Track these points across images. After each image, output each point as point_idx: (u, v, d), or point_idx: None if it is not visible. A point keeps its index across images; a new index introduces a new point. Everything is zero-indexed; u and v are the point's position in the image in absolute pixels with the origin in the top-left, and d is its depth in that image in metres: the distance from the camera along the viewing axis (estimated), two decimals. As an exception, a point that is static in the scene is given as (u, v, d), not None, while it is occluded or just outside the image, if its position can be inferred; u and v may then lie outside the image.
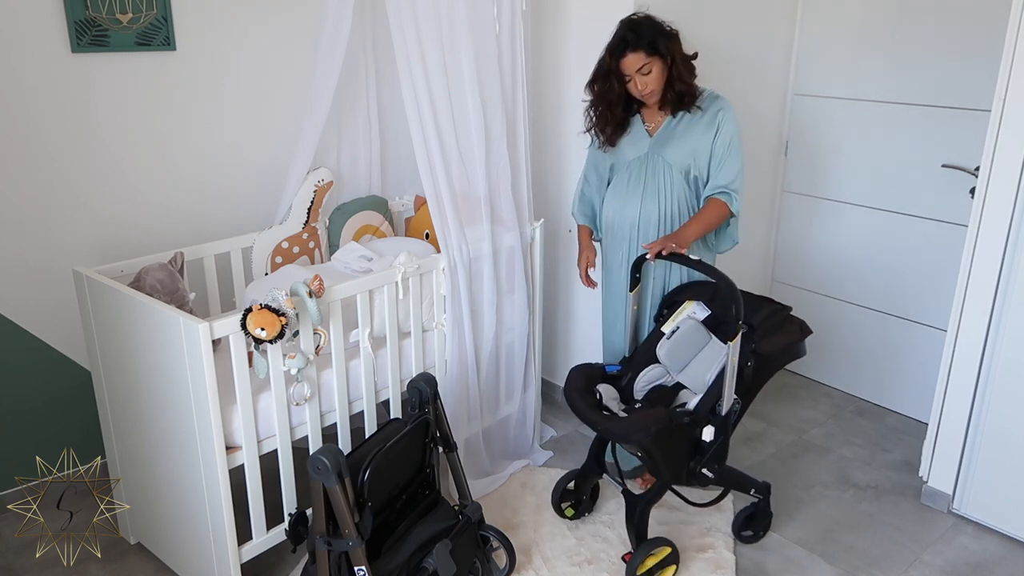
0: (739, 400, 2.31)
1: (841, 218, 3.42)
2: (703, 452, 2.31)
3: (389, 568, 2.04)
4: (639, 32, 2.38)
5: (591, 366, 2.54)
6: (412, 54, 2.41)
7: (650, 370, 2.51)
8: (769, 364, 2.36)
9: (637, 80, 2.41)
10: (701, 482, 2.38)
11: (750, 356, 2.28)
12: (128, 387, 2.27)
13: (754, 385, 2.37)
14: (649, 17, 2.42)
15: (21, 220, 2.54)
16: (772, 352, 2.33)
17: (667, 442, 2.27)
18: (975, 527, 2.66)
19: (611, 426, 2.27)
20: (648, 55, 2.37)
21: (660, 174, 2.51)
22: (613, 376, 2.54)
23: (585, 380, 2.44)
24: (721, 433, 2.30)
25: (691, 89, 2.45)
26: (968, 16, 2.88)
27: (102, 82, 2.59)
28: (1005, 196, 2.41)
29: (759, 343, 2.30)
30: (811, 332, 2.42)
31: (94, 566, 2.45)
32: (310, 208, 2.84)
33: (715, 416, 2.28)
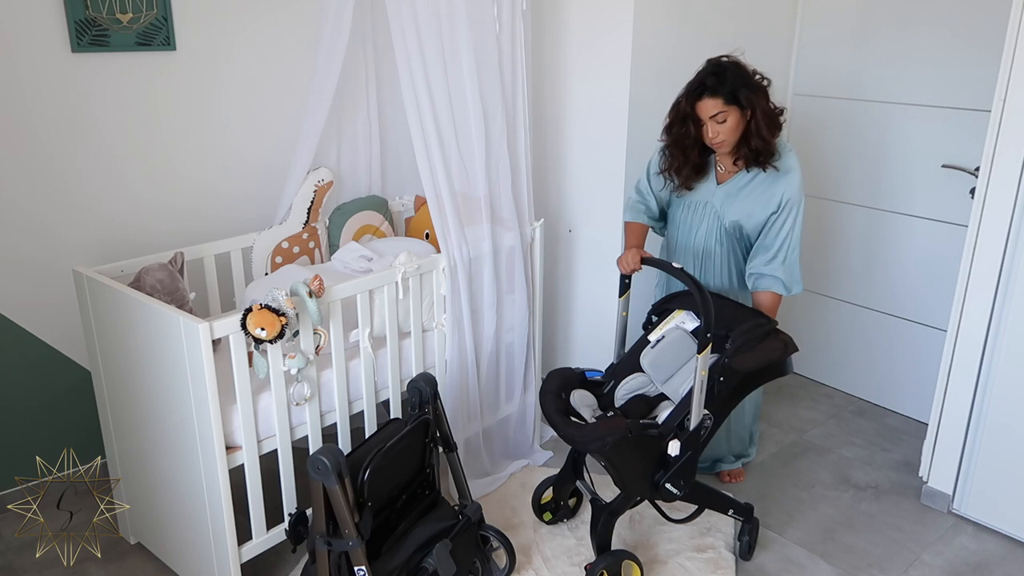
0: (711, 416, 2.23)
1: (841, 218, 3.42)
2: (668, 467, 2.24)
3: (389, 568, 2.03)
4: (722, 78, 2.29)
5: (569, 371, 2.47)
6: (412, 54, 2.41)
7: (633, 379, 2.44)
8: (743, 381, 2.27)
9: (710, 127, 2.33)
10: (666, 497, 2.30)
11: (722, 371, 2.20)
12: (128, 387, 2.27)
13: (728, 402, 2.30)
14: (738, 64, 2.33)
15: (21, 220, 2.54)
16: (745, 368, 2.23)
17: (629, 454, 2.22)
18: (975, 527, 2.66)
19: (571, 432, 2.22)
20: (726, 103, 2.29)
21: (717, 226, 2.50)
22: (594, 382, 2.49)
23: (559, 384, 2.39)
24: (688, 448, 2.22)
25: (768, 147, 2.35)
26: (968, 16, 2.88)
27: (102, 82, 2.59)
28: (1005, 196, 2.41)
29: (732, 358, 2.21)
30: (796, 350, 2.32)
31: (94, 566, 2.45)
32: (310, 208, 2.84)
33: (683, 431, 2.21)
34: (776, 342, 2.29)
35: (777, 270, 2.45)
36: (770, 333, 2.30)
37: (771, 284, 2.46)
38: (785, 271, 2.45)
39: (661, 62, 2.91)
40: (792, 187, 2.40)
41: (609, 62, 2.88)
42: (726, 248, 2.52)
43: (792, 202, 2.40)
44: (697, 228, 2.53)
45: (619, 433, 2.15)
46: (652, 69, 2.89)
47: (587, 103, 3.03)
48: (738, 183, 2.45)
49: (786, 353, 2.29)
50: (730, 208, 2.45)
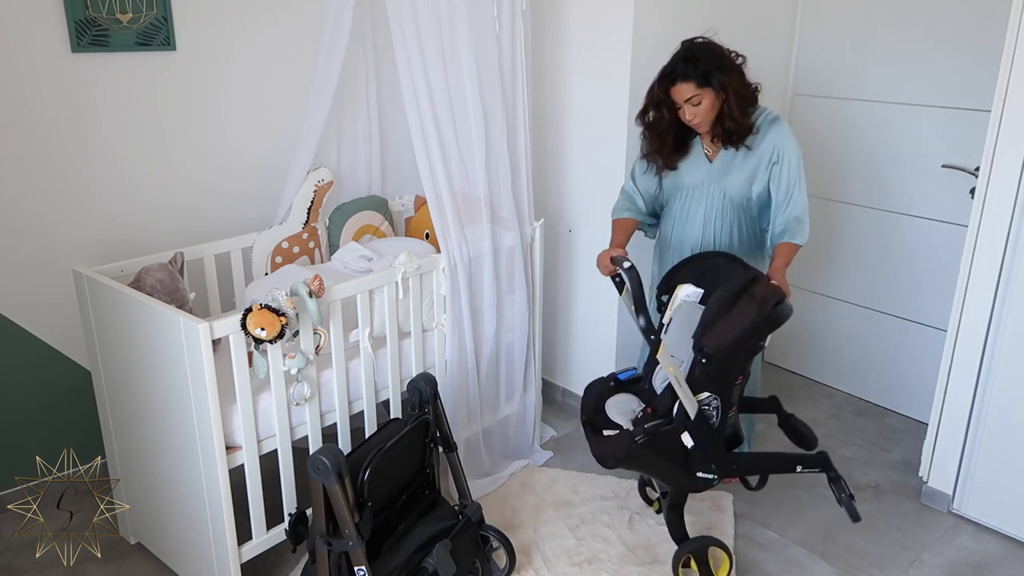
0: (715, 396, 2.15)
1: (841, 218, 3.42)
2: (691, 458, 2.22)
3: (389, 568, 2.03)
4: (693, 61, 2.29)
5: (601, 381, 2.44)
6: (412, 54, 2.41)
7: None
8: (728, 356, 2.12)
9: (686, 109, 2.34)
10: (702, 485, 2.27)
11: (700, 353, 2.10)
12: (128, 387, 2.27)
13: (723, 378, 2.17)
14: (709, 45, 2.33)
15: (21, 220, 2.54)
16: (718, 346, 2.07)
17: (649, 458, 2.21)
18: (975, 527, 2.66)
19: (592, 450, 2.27)
20: (699, 86, 2.29)
21: (720, 201, 2.48)
22: (631, 381, 2.45)
23: (595, 398, 2.39)
24: (700, 435, 2.17)
25: (741, 127, 2.36)
26: (968, 16, 2.88)
27: (102, 82, 2.59)
28: (1005, 196, 2.41)
29: (700, 340, 2.10)
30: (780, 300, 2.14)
31: (94, 566, 2.45)
32: (310, 208, 2.84)
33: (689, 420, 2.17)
34: (749, 303, 2.12)
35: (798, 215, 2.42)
36: (740, 295, 2.13)
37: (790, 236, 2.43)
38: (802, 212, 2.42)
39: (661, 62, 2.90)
40: (783, 136, 2.40)
41: (609, 62, 2.88)
42: (728, 219, 2.50)
43: (788, 147, 2.39)
44: (695, 213, 2.52)
45: (625, 447, 2.15)
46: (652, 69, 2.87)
47: (587, 103, 3.03)
48: (729, 155, 2.46)
49: (762, 310, 2.11)
50: (731, 178, 2.45)
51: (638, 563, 2.45)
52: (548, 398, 3.39)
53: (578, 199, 3.17)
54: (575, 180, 3.17)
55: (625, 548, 2.52)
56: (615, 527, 2.61)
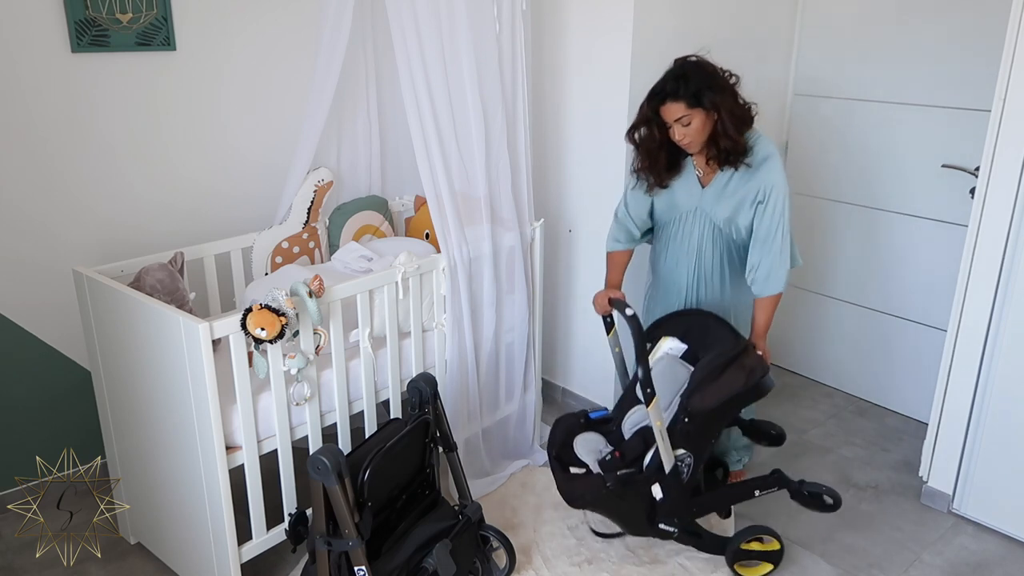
0: (690, 454, 2.22)
1: (841, 218, 3.42)
2: (657, 509, 2.26)
3: (389, 568, 2.04)
4: (685, 81, 2.23)
5: (571, 417, 2.48)
6: (412, 54, 2.41)
7: (637, 411, 2.42)
8: (709, 419, 2.21)
9: (676, 130, 2.28)
10: (663, 536, 2.32)
11: (684, 412, 2.18)
12: (128, 387, 2.27)
13: (703, 438, 2.25)
14: (700, 65, 2.27)
15: (21, 220, 2.54)
16: (704, 408, 2.17)
17: (616, 502, 2.26)
18: (975, 527, 2.66)
19: (560, 487, 2.31)
20: (689, 106, 2.22)
21: (711, 229, 2.45)
22: (600, 420, 2.50)
23: (563, 434, 2.43)
24: (670, 490, 2.22)
25: (737, 147, 2.28)
26: (968, 16, 2.88)
27: (102, 82, 2.59)
28: (1005, 196, 2.41)
29: (689, 398, 2.17)
30: (765, 372, 2.24)
31: (94, 566, 2.45)
32: (310, 208, 2.84)
33: (662, 473, 2.21)
34: (738, 372, 2.21)
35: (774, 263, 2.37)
36: (732, 361, 2.22)
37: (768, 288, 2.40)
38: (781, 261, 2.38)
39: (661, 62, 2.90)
40: (773, 173, 2.32)
41: (609, 62, 2.88)
42: (719, 248, 2.48)
43: (776, 188, 2.31)
44: (690, 235, 2.49)
45: (595, 491, 2.23)
46: (652, 69, 2.86)
47: (587, 103, 3.03)
48: (721, 182, 2.40)
49: (749, 381, 2.21)
50: (719, 208, 2.41)
51: (638, 563, 2.45)
52: (548, 398, 3.39)
53: (578, 199, 3.17)
54: (575, 180, 3.17)
55: (625, 548, 2.52)
56: (615, 527, 2.61)
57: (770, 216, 2.33)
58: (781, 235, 2.34)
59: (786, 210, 2.34)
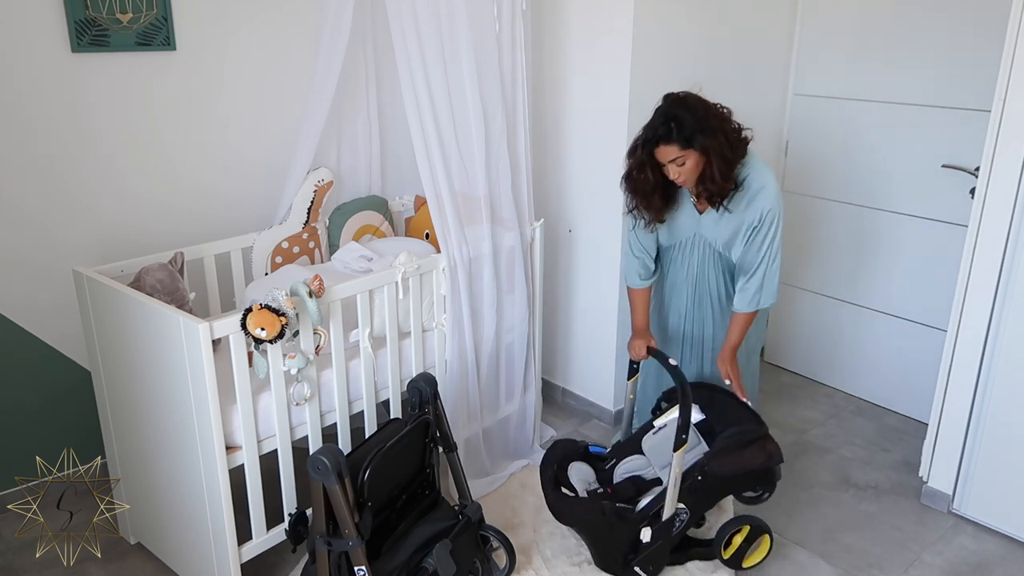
0: (687, 511, 2.28)
1: (841, 218, 3.42)
2: (639, 551, 2.30)
3: (389, 568, 2.04)
4: (678, 123, 2.20)
5: (573, 443, 2.56)
6: (412, 54, 2.41)
7: (633, 459, 2.51)
8: (720, 483, 2.32)
9: (671, 169, 2.28)
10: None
11: (700, 471, 2.26)
12: (128, 387, 2.27)
13: (705, 500, 2.35)
14: (691, 106, 2.23)
15: (21, 220, 2.54)
16: (722, 472, 2.27)
17: (603, 533, 2.30)
18: (975, 527, 2.66)
19: (553, 503, 2.35)
20: (682, 148, 2.22)
21: (709, 256, 2.48)
22: (597, 456, 2.58)
23: (560, 455, 2.49)
24: (659, 537, 2.27)
25: (723, 190, 2.28)
26: (968, 16, 2.88)
27: (102, 82, 2.59)
28: (1005, 196, 2.41)
29: (710, 460, 2.26)
30: (780, 461, 2.34)
31: (94, 566, 2.45)
32: (310, 208, 2.84)
33: (657, 519, 2.27)
34: (759, 451, 2.31)
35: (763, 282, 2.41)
36: (756, 441, 2.32)
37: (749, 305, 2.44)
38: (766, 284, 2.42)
39: (661, 62, 2.91)
40: (769, 199, 2.32)
41: (609, 62, 2.88)
42: (718, 271, 2.50)
43: (772, 213, 2.32)
44: (689, 260, 2.52)
45: (593, 513, 2.28)
46: (652, 69, 2.89)
47: (587, 103, 3.03)
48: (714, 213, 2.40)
49: (768, 462, 2.31)
50: (718, 232, 2.42)
51: (638, 563, 2.45)
52: (548, 398, 3.39)
53: (578, 199, 3.17)
54: (575, 180, 3.17)
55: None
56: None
57: (762, 239, 2.36)
58: (770, 258, 2.38)
59: (778, 236, 2.36)
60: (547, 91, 3.14)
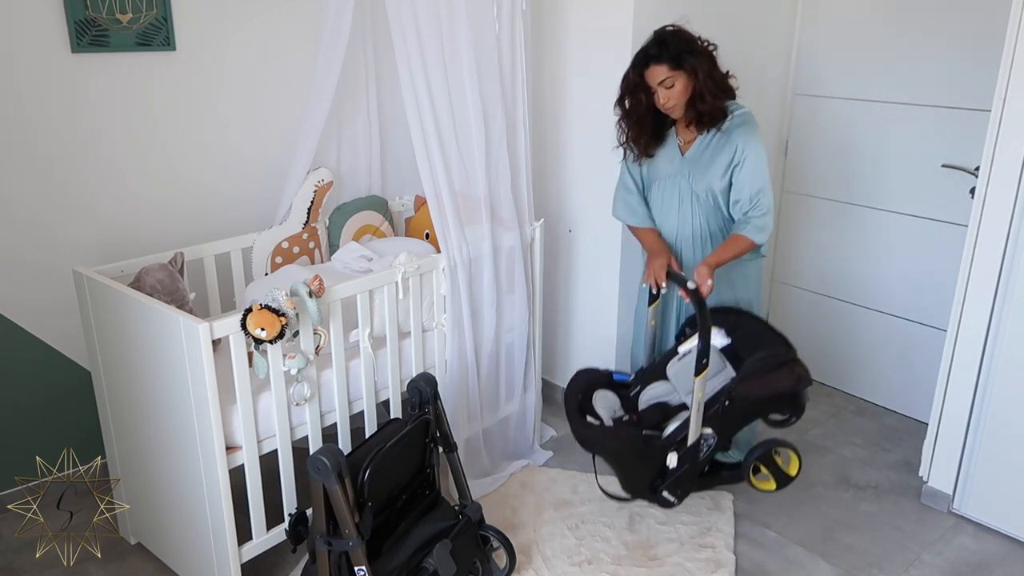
0: (714, 435, 2.29)
1: (841, 218, 3.42)
2: (666, 476, 2.32)
3: (389, 568, 2.04)
4: (665, 45, 2.35)
5: (596, 371, 2.54)
6: (412, 54, 2.41)
7: (657, 386, 2.51)
8: (747, 407, 2.32)
9: (660, 93, 2.38)
10: (663, 504, 2.38)
11: (728, 395, 2.26)
12: (128, 387, 2.27)
13: (733, 424, 2.35)
14: (680, 31, 2.39)
15: (21, 220, 2.54)
16: (749, 396, 2.28)
17: (631, 460, 2.31)
18: (975, 527, 2.66)
19: (581, 432, 2.35)
20: (671, 68, 2.34)
21: (689, 195, 2.53)
22: (620, 384, 2.55)
23: (585, 384, 2.48)
24: (685, 462, 2.29)
25: (714, 110, 2.39)
26: (968, 16, 2.88)
27: (102, 82, 2.59)
28: (1005, 196, 2.41)
29: (737, 385, 2.27)
30: (809, 383, 2.34)
31: (94, 566, 2.45)
32: (310, 208, 2.84)
33: (683, 444, 2.28)
34: (788, 374, 2.31)
35: (746, 221, 2.46)
36: (784, 364, 2.32)
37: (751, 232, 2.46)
38: (753, 218, 2.45)
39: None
40: (745, 135, 2.41)
41: (609, 62, 2.88)
42: (699, 214, 2.54)
43: (749, 149, 2.40)
44: (671, 198, 2.56)
45: (620, 440, 2.27)
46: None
47: (587, 103, 3.03)
48: (699, 148, 2.50)
49: (798, 385, 2.31)
50: (699, 175, 2.48)
51: (638, 563, 2.45)
52: (548, 398, 3.39)
53: (578, 199, 3.17)
54: (575, 180, 3.17)
55: (625, 548, 2.52)
56: (615, 527, 2.61)
57: (749, 178, 2.41)
58: (764, 195, 2.42)
59: (765, 172, 2.42)
60: (547, 91, 3.14)
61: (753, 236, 2.45)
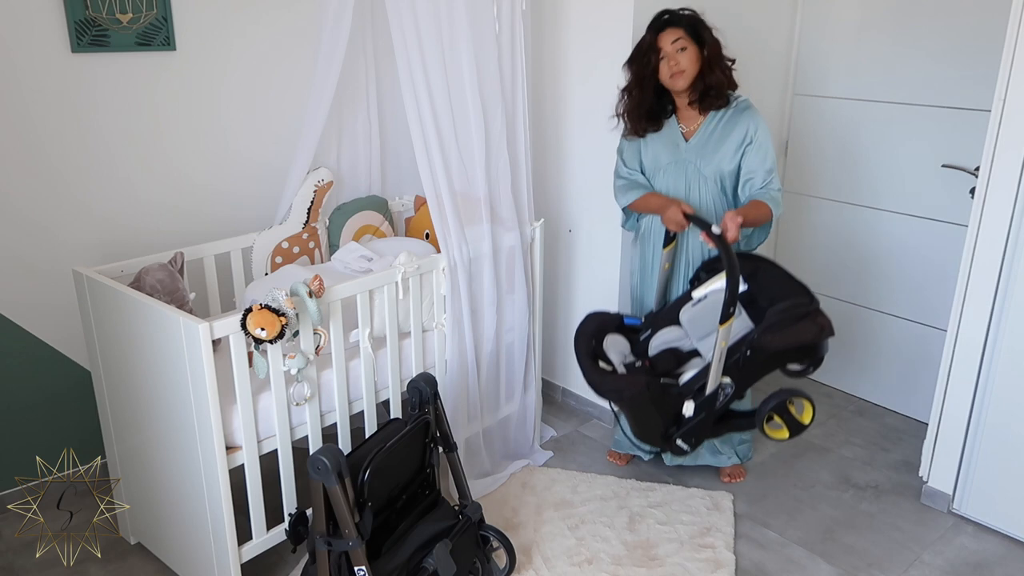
0: (732, 385, 2.24)
1: (841, 218, 3.42)
2: (681, 424, 2.28)
3: (389, 568, 2.04)
4: (681, 14, 2.45)
5: (607, 314, 2.50)
6: (412, 54, 2.41)
7: (669, 331, 2.46)
8: (768, 358, 2.25)
9: (671, 56, 2.43)
10: (676, 452, 2.34)
11: (750, 345, 2.21)
12: (128, 387, 2.27)
13: (752, 374, 2.28)
14: (695, 12, 2.50)
15: (21, 220, 2.54)
16: (772, 347, 2.22)
17: (646, 408, 2.25)
18: (975, 527, 2.66)
19: (593, 378, 2.29)
20: (687, 34, 2.43)
21: (697, 179, 2.53)
22: (631, 328, 2.50)
23: (595, 327, 2.44)
24: (702, 410, 2.25)
25: (721, 84, 2.46)
26: (968, 16, 2.88)
27: (102, 82, 2.59)
28: (1005, 196, 2.41)
29: (760, 335, 2.21)
30: (832, 334, 2.26)
31: (94, 566, 2.45)
32: (310, 208, 2.84)
33: (700, 393, 2.23)
34: (811, 325, 2.24)
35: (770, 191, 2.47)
36: (808, 315, 2.25)
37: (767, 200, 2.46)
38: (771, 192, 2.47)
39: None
40: (754, 116, 2.49)
41: (609, 62, 2.88)
42: (708, 201, 2.54)
43: (760, 129, 2.47)
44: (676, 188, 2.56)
45: (637, 388, 2.21)
46: (652, 69, 2.88)
47: (587, 103, 3.03)
48: (705, 132, 2.52)
49: (820, 336, 2.24)
50: (707, 158, 2.49)
51: (638, 563, 2.45)
52: (548, 398, 3.39)
53: (578, 199, 3.17)
54: (575, 180, 3.17)
55: (625, 548, 2.52)
56: (615, 527, 2.61)
57: (761, 155, 2.45)
58: (774, 172, 2.47)
59: (770, 153, 2.48)
60: (547, 91, 3.14)
61: (772, 206, 2.46)
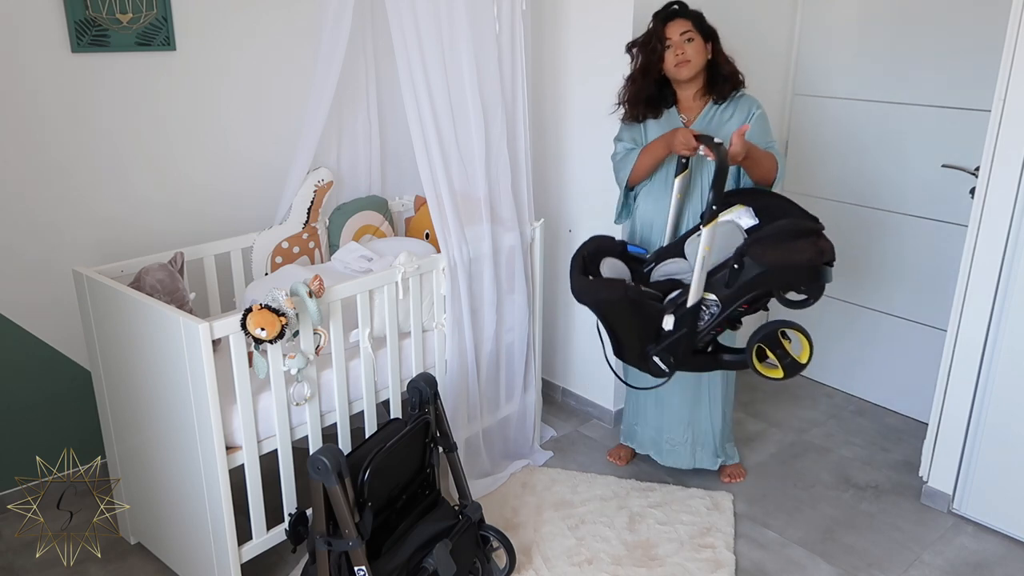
0: (719, 303, 2.10)
1: (841, 218, 3.42)
2: (660, 340, 2.19)
3: (389, 568, 2.04)
4: (687, 8, 2.49)
5: (611, 239, 2.47)
6: (412, 54, 2.41)
7: (673, 262, 2.40)
8: (759, 276, 2.07)
9: (677, 45, 2.45)
10: (654, 371, 2.23)
11: (739, 257, 2.07)
12: (128, 387, 2.27)
13: (738, 293, 2.11)
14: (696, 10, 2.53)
15: (21, 220, 2.54)
16: (761, 261, 2.04)
17: (625, 318, 2.18)
18: (975, 527, 2.66)
19: (574, 284, 2.27)
20: (694, 25, 2.46)
21: (697, 168, 2.52)
22: (634, 256, 2.46)
23: (593, 249, 2.42)
24: (682, 324, 2.12)
25: (732, 73, 2.51)
26: (968, 16, 2.88)
27: (102, 82, 2.59)
28: (1005, 196, 2.41)
29: (750, 246, 2.06)
30: (833, 258, 2.08)
31: (94, 566, 2.45)
32: (310, 208, 2.84)
33: (681, 307, 2.14)
34: (809, 245, 2.07)
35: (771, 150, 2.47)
36: (807, 234, 2.09)
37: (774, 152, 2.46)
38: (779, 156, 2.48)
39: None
40: (755, 101, 2.53)
41: (609, 62, 2.88)
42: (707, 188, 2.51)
43: (760, 109, 2.51)
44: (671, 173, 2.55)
45: (615, 292, 2.12)
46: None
47: (587, 103, 3.03)
48: (706, 117, 2.54)
49: (819, 259, 2.07)
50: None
51: (638, 563, 2.45)
52: (548, 398, 3.39)
53: (578, 199, 3.17)
54: (575, 180, 3.17)
55: (625, 548, 2.52)
56: (615, 527, 2.61)
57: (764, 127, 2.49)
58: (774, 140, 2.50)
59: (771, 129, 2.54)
60: (547, 91, 3.14)
61: (777, 159, 2.46)
